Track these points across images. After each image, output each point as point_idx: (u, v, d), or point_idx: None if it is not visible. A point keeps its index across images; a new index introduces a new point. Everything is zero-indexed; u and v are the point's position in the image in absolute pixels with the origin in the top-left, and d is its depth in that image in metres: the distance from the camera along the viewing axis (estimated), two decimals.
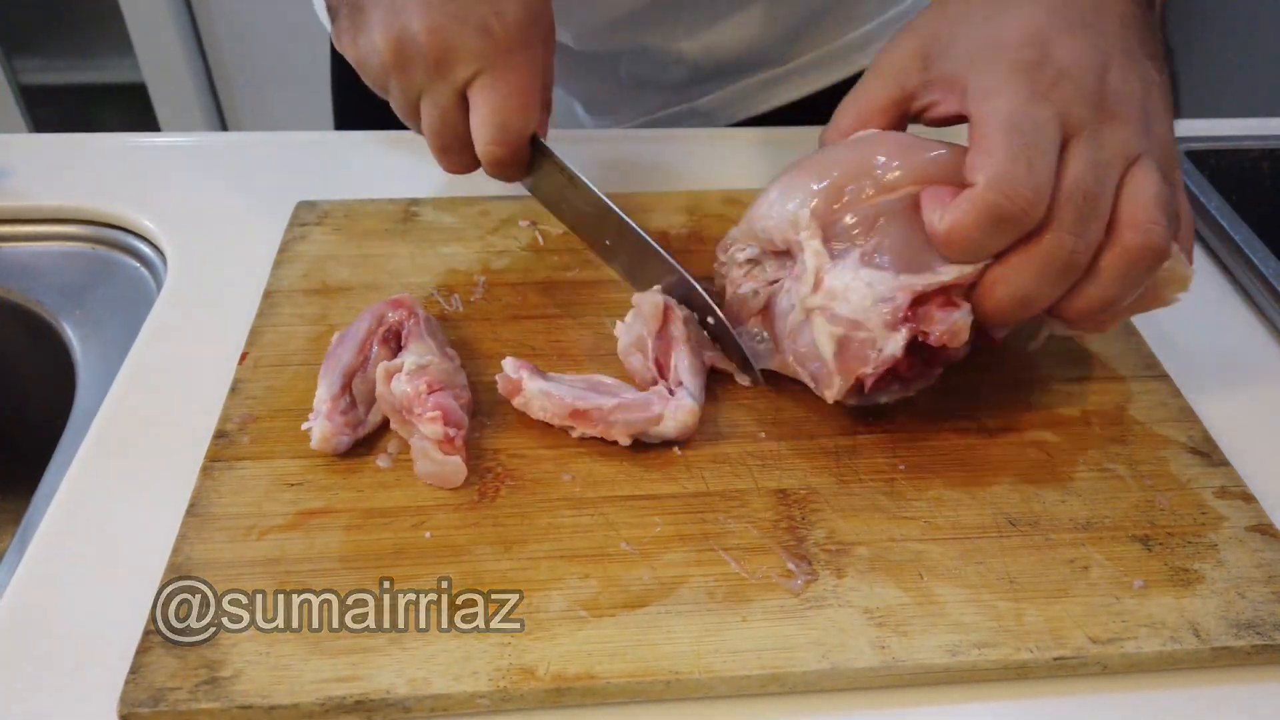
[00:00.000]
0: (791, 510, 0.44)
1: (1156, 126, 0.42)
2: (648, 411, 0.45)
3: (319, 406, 0.46)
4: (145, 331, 0.54)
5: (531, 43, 0.51)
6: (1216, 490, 0.46)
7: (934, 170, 0.44)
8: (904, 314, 0.42)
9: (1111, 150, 0.41)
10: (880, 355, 0.43)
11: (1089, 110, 0.41)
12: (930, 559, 0.42)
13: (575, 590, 0.40)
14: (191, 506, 0.43)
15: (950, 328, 0.42)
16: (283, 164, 0.68)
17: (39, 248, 0.63)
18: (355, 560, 0.41)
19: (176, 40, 1.67)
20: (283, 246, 0.58)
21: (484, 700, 0.37)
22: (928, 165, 0.44)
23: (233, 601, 0.39)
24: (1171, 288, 0.46)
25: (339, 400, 0.46)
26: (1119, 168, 0.41)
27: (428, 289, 0.56)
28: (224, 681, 0.37)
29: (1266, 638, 0.40)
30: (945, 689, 0.39)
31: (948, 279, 0.42)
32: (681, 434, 0.46)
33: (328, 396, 0.46)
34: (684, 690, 0.38)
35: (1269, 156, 0.70)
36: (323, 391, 0.46)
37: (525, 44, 0.51)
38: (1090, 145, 0.41)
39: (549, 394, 0.46)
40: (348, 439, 0.45)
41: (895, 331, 0.42)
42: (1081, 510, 0.44)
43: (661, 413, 0.45)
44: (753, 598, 0.40)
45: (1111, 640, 0.39)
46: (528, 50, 0.51)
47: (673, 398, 0.46)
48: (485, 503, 0.44)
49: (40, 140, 0.71)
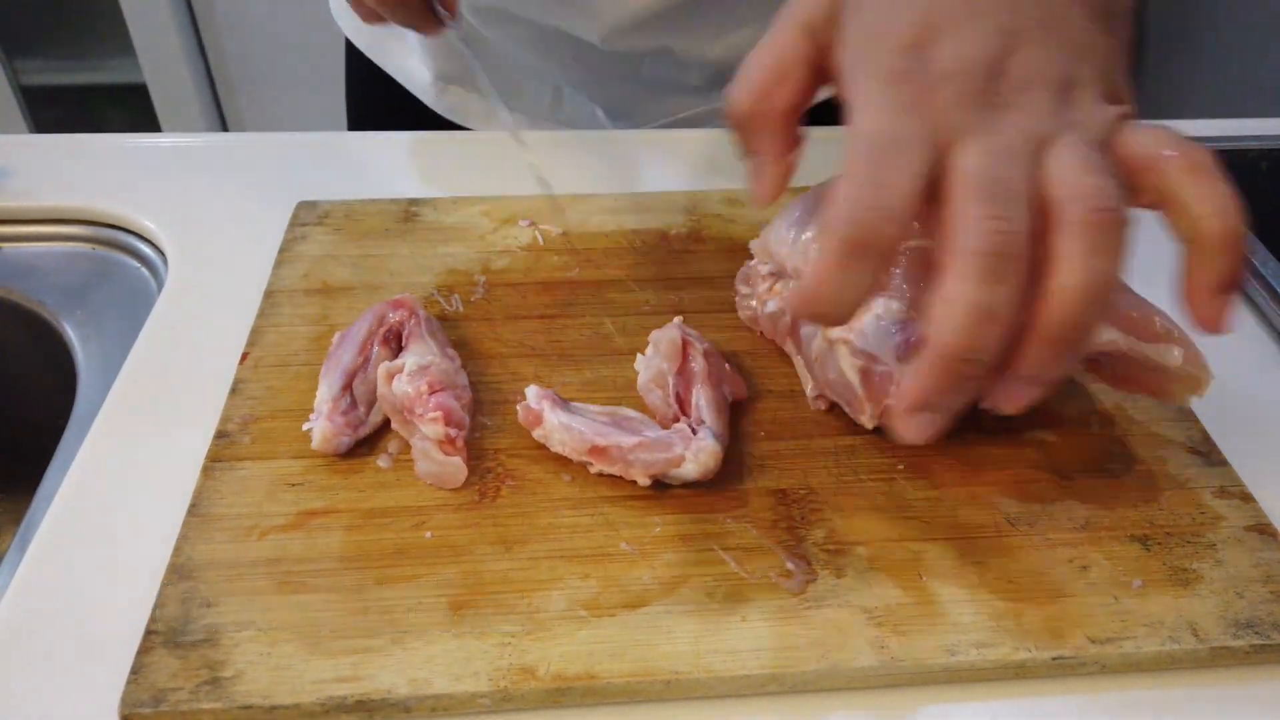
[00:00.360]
0: (791, 510, 0.44)
1: (1083, 97, 0.37)
2: (669, 452, 0.44)
3: (320, 407, 0.46)
4: (146, 332, 0.54)
5: None
6: (1215, 490, 0.46)
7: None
8: (914, 347, 0.42)
9: (1010, 138, 0.35)
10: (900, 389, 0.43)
11: (973, 112, 0.36)
12: (929, 559, 0.42)
13: (575, 590, 0.40)
14: (192, 507, 0.43)
15: None
16: (283, 164, 0.68)
17: (40, 248, 0.63)
18: (356, 560, 0.41)
19: (177, 41, 1.67)
20: (283, 246, 0.58)
21: (484, 700, 0.37)
22: None
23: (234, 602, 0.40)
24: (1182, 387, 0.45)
25: (340, 401, 0.46)
26: (1024, 156, 0.35)
27: (428, 289, 0.56)
28: (225, 682, 0.37)
29: (1265, 637, 0.40)
30: (944, 688, 0.39)
31: None
32: (703, 476, 0.44)
33: (329, 397, 0.46)
34: (684, 690, 0.38)
35: (1269, 156, 0.70)
36: (324, 392, 0.46)
37: None
38: (980, 140, 0.35)
39: (569, 428, 0.45)
40: (349, 439, 0.45)
41: (908, 365, 0.43)
42: (1080, 510, 0.45)
43: (683, 454, 0.43)
44: (752, 597, 0.40)
45: (1110, 640, 0.39)
46: None
47: (695, 438, 0.44)
48: (485, 503, 0.44)
49: (41, 141, 0.71)
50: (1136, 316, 0.44)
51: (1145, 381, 0.46)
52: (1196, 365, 0.44)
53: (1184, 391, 0.45)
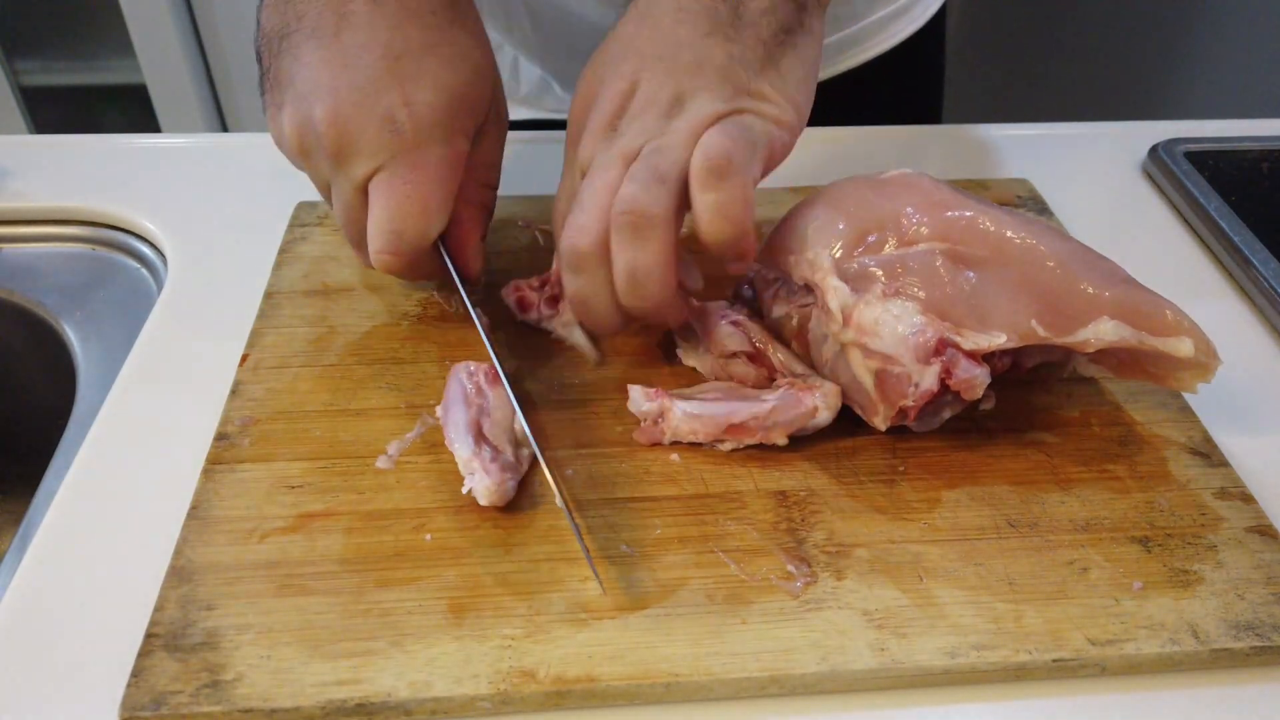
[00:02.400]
0: (791, 512, 0.44)
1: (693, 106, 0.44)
2: (802, 407, 0.46)
3: (469, 468, 0.43)
4: (146, 332, 0.54)
5: (446, 138, 0.47)
6: (1216, 491, 0.46)
7: (955, 230, 0.46)
8: (935, 347, 0.43)
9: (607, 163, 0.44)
10: (918, 390, 0.43)
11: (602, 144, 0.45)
12: (929, 560, 0.42)
13: (575, 592, 0.40)
14: (192, 509, 0.43)
15: (969, 379, 0.43)
16: (283, 165, 0.67)
17: (40, 249, 0.63)
18: (356, 563, 0.41)
19: (177, 41, 1.67)
20: (283, 247, 0.58)
21: (484, 703, 0.37)
22: (949, 224, 0.46)
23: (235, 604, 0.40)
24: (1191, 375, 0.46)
25: (483, 453, 0.44)
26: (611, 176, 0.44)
27: (428, 289, 0.56)
28: (225, 685, 0.37)
29: (1265, 639, 0.40)
30: (944, 691, 0.39)
31: (966, 346, 0.43)
32: (834, 416, 0.46)
33: (471, 454, 0.43)
34: (684, 693, 0.38)
35: (1269, 157, 0.70)
36: (464, 453, 0.44)
37: (436, 140, 0.46)
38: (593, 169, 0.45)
39: (698, 415, 0.45)
40: (514, 482, 0.44)
41: (929, 366, 0.43)
42: (1081, 511, 0.44)
43: (815, 404, 0.46)
44: (752, 600, 0.40)
45: (1110, 642, 0.39)
46: (438, 148, 0.47)
47: (819, 387, 0.46)
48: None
49: (41, 141, 0.71)
50: (1147, 311, 0.44)
51: (1152, 370, 0.47)
52: (1207, 353, 0.45)
53: (1193, 379, 0.46)
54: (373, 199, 0.47)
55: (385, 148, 0.46)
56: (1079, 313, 0.44)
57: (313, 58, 0.46)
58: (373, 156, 0.46)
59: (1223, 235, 0.61)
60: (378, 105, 0.45)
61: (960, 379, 0.43)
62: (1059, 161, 0.70)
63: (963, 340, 0.43)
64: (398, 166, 0.46)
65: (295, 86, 0.46)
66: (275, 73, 0.48)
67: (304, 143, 0.47)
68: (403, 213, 0.46)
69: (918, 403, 0.44)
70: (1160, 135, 0.71)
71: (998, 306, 0.44)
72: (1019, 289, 0.45)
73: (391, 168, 0.46)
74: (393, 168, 0.46)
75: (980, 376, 0.43)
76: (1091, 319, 0.44)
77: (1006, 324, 0.44)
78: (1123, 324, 0.44)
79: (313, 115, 0.46)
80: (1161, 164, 0.68)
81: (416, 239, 0.47)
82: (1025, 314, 0.44)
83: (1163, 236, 0.65)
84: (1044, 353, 0.49)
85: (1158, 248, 0.63)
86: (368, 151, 0.46)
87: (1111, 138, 0.73)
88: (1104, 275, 0.45)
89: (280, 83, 0.47)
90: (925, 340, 0.43)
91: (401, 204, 0.46)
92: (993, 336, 0.43)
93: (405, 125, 0.46)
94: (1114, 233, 0.64)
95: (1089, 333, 0.44)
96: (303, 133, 0.47)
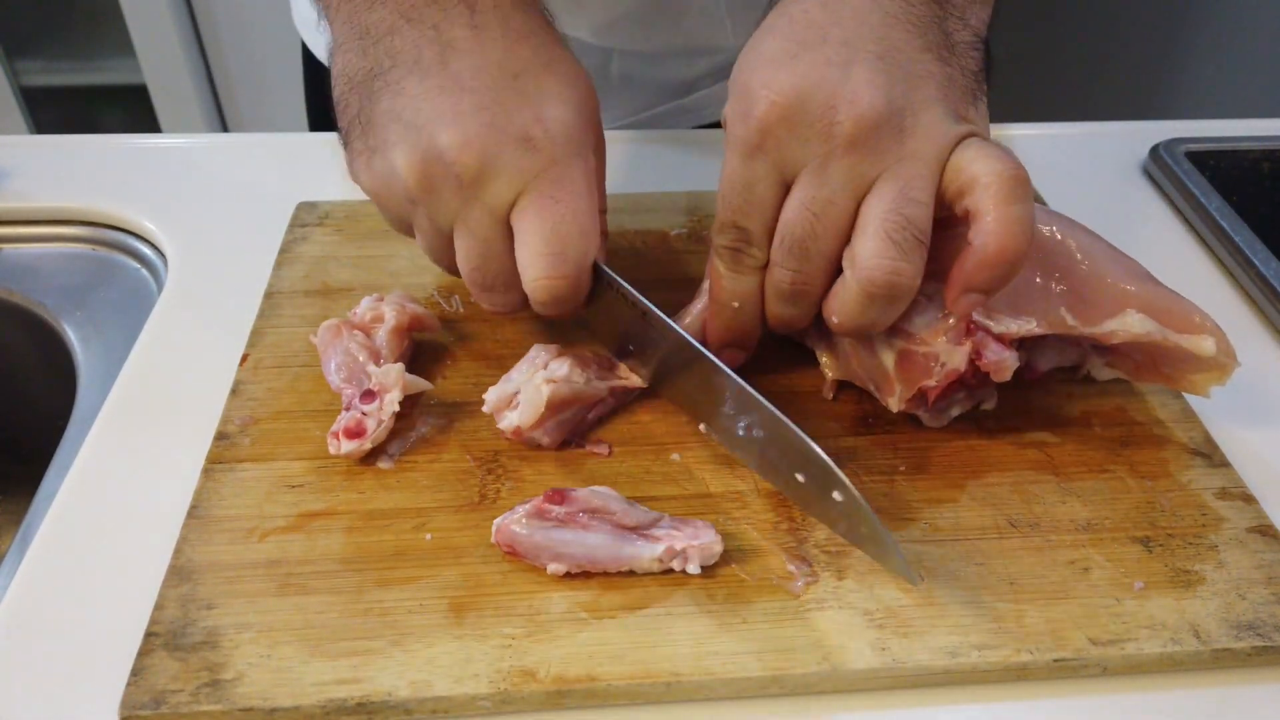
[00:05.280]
0: (792, 511, 0.44)
1: (915, 129, 0.40)
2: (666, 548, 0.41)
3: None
4: (146, 333, 0.54)
5: (582, 153, 0.44)
6: (1217, 491, 0.46)
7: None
8: (966, 329, 0.43)
9: (834, 185, 0.40)
10: (944, 369, 0.43)
11: (811, 145, 0.40)
12: (930, 560, 0.42)
13: (576, 592, 0.40)
14: (193, 508, 0.43)
15: (999, 361, 0.43)
16: (283, 164, 0.68)
17: (40, 249, 0.63)
18: (356, 562, 0.41)
19: (177, 42, 1.67)
20: (283, 247, 0.58)
21: (485, 702, 0.37)
22: None
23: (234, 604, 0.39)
24: (1208, 377, 0.46)
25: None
26: (843, 202, 0.41)
27: (428, 289, 0.56)
28: (225, 684, 0.37)
29: (1267, 639, 0.40)
30: (945, 690, 0.39)
31: (997, 330, 0.44)
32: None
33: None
34: (684, 692, 0.38)
35: (1269, 156, 0.70)
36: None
37: (574, 154, 0.43)
38: (807, 185, 0.41)
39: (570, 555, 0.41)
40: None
41: (960, 346, 0.43)
42: (1082, 511, 0.44)
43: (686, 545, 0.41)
44: (753, 599, 0.40)
45: (1112, 642, 0.39)
46: (579, 162, 0.43)
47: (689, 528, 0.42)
48: (486, 504, 0.44)
49: (42, 142, 0.71)
50: (1172, 308, 0.45)
51: (1168, 371, 0.47)
52: (1227, 353, 0.45)
53: (1208, 381, 0.46)
54: (522, 225, 0.43)
55: (526, 169, 0.42)
56: (1106, 305, 0.45)
57: (420, 89, 0.42)
58: (515, 179, 0.42)
59: (1223, 235, 0.61)
60: (510, 125, 0.42)
61: (990, 360, 0.43)
62: (1059, 161, 0.70)
63: (994, 324, 0.44)
64: (543, 185, 0.42)
65: (404, 121, 0.42)
66: (369, 115, 0.43)
67: (428, 178, 0.42)
68: (560, 233, 0.42)
69: (940, 384, 0.44)
70: (1161, 135, 0.71)
71: (1028, 294, 0.45)
72: (1049, 279, 0.45)
73: (536, 188, 0.42)
74: (538, 188, 0.42)
75: (1009, 359, 0.43)
76: (1118, 312, 0.45)
77: (1037, 310, 0.44)
78: (1148, 318, 0.44)
79: (438, 144, 0.41)
80: (1162, 164, 0.68)
81: (579, 258, 0.43)
82: (1055, 303, 0.45)
83: (1163, 236, 0.65)
84: (1060, 354, 0.49)
85: (1158, 247, 0.63)
86: (508, 174, 0.42)
87: (1112, 138, 0.73)
88: (1129, 271, 0.46)
89: (377, 123, 0.43)
90: (958, 320, 0.43)
91: (558, 224, 0.42)
92: (1023, 322, 0.44)
93: (542, 143, 0.42)
94: (1115, 233, 0.64)
95: (1116, 324, 0.45)
96: (427, 167, 0.42)
